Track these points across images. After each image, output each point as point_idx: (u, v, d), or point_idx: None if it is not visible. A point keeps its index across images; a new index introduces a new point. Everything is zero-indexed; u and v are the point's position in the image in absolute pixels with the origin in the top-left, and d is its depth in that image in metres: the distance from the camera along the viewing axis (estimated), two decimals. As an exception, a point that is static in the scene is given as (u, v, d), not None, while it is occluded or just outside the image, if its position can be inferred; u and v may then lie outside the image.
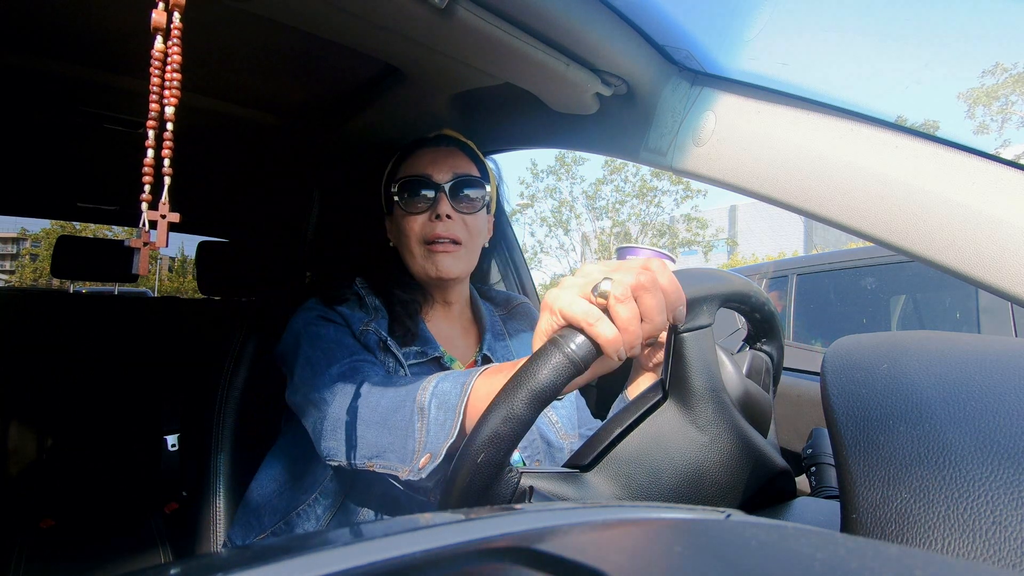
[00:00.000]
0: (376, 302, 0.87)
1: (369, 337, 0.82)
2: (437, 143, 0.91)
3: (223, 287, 2.14)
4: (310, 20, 0.71)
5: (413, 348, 0.84)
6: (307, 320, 0.82)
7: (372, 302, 0.87)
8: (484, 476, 0.45)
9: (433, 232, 0.85)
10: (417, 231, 0.86)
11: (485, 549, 0.22)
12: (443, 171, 0.87)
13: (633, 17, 0.74)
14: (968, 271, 0.59)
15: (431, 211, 0.85)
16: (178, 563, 0.23)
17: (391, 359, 0.81)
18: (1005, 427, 0.31)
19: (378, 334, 0.82)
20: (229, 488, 0.95)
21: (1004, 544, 0.28)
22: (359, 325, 0.82)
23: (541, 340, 0.48)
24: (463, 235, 0.87)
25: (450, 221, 0.85)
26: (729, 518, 0.29)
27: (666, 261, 0.85)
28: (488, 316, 0.97)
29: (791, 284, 3.19)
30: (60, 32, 0.82)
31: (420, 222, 0.86)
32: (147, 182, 0.36)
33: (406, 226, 0.86)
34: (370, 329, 0.82)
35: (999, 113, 13.32)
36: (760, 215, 22.36)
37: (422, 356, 0.84)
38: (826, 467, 0.67)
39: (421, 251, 0.86)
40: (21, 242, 43.02)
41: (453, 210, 0.86)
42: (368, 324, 0.83)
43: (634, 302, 0.45)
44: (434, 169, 0.87)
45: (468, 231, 0.88)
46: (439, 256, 0.85)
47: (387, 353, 0.81)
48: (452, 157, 0.89)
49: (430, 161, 0.88)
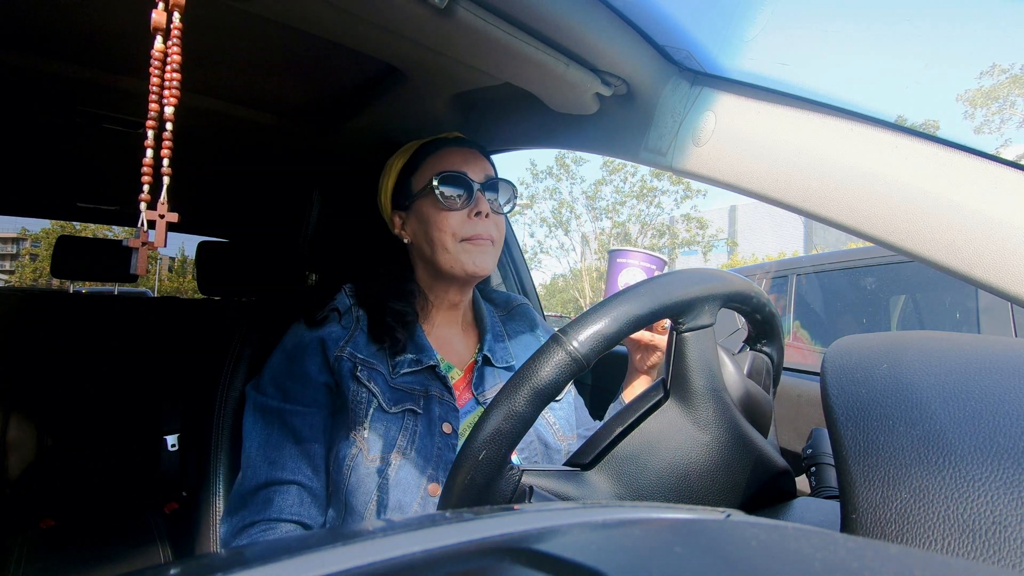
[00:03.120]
0: (360, 312, 0.86)
1: (343, 365, 0.80)
2: (460, 144, 0.91)
3: (223, 287, 2.14)
4: (310, 20, 0.71)
5: (407, 356, 0.83)
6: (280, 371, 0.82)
7: (356, 312, 0.85)
8: (485, 474, 0.45)
9: (474, 230, 0.85)
10: (455, 227, 0.85)
11: (485, 549, 0.22)
12: (477, 171, 0.88)
13: (633, 17, 0.74)
14: (968, 271, 0.59)
15: (471, 208, 0.85)
16: (178, 563, 0.23)
17: (363, 390, 0.79)
18: (1005, 427, 0.31)
19: (352, 359, 0.81)
20: (229, 488, 0.94)
21: (1004, 544, 0.28)
22: (335, 351, 0.81)
23: None
24: (496, 235, 0.88)
25: (488, 220, 0.86)
26: (729, 518, 0.29)
27: (657, 264, 0.85)
28: (489, 317, 0.97)
29: (791, 284, 3.19)
30: (60, 32, 0.82)
31: (458, 218, 0.85)
32: (146, 182, 0.36)
33: (441, 221, 0.85)
34: (344, 355, 0.81)
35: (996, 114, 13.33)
36: (760, 215, 22.35)
37: (416, 365, 0.83)
38: (826, 467, 0.67)
39: (456, 247, 0.85)
40: (21, 242, 43.02)
41: (491, 209, 0.87)
42: (343, 349, 0.81)
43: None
44: (468, 168, 0.87)
45: (499, 232, 0.89)
46: (477, 253, 0.85)
47: (358, 384, 0.79)
48: (479, 158, 0.90)
49: (462, 160, 0.88)
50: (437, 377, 0.84)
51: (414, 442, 0.78)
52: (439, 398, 0.82)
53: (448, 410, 0.82)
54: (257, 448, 0.79)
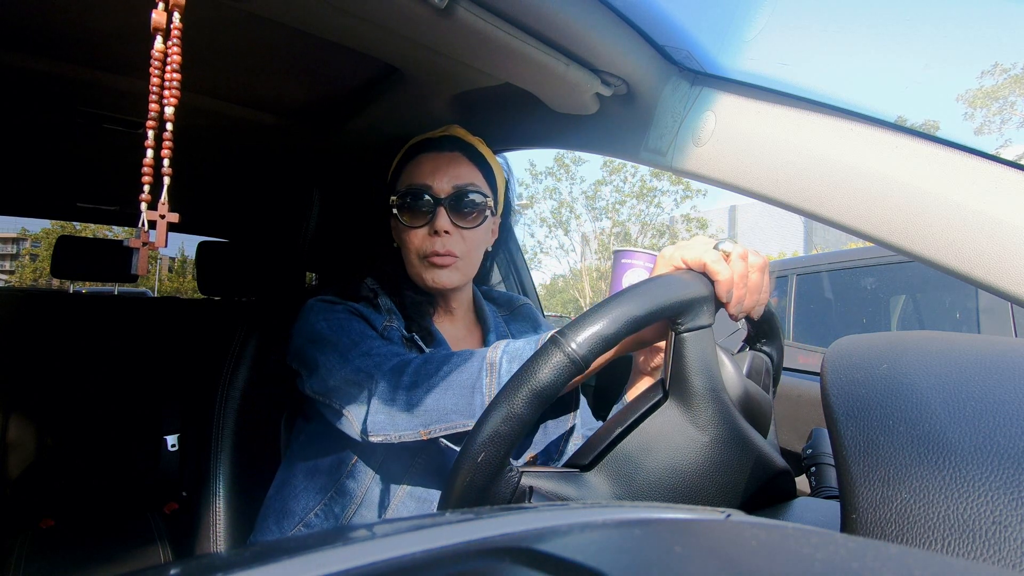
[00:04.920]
0: (389, 303, 0.86)
1: (393, 334, 0.81)
2: (440, 147, 0.89)
3: (223, 287, 2.14)
4: (310, 20, 0.71)
5: (429, 349, 0.84)
6: (326, 311, 0.80)
7: (385, 303, 0.86)
8: (484, 475, 0.45)
9: (432, 248, 0.84)
10: (416, 245, 0.85)
11: (485, 549, 0.22)
12: (443, 181, 0.85)
13: (633, 17, 0.74)
14: (968, 271, 0.59)
15: (429, 226, 0.84)
16: (178, 563, 0.23)
17: (416, 352, 0.80)
18: (1005, 427, 0.31)
19: (401, 332, 0.82)
20: (229, 488, 0.94)
21: (1004, 544, 0.28)
22: (381, 322, 0.82)
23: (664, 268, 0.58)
24: (460, 249, 0.85)
25: (448, 236, 0.84)
26: (729, 518, 0.29)
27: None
28: (492, 317, 0.97)
29: (791, 284, 3.19)
30: (60, 32, 0.81)
31: (419, 236, 0.85)
32: (146, 182, 0.36)
33: (405, 238, 0.86)
34: (393, 326, 0.82)
35: (997, 114, 13.34)
36: (760, 215, 22.34)
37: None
38: (826, 467, 0.67)
39: (419, 263, 0.86)
40: (21, 242, 43.03)
41: (452, 224, 0.84)
42: (391, 321, 0.82)
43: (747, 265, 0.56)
44: (434, 179, 0.85)
45: (466, 245, 0.86)
46: (436, 270, 0.85)
47: (414, 349, 0.81)
48: (454, 165, 0.87)
49: (431, 170, 0.86)
50: None
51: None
52: None
53: None
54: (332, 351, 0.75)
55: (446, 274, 0.85)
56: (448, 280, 0.85)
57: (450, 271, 0.85)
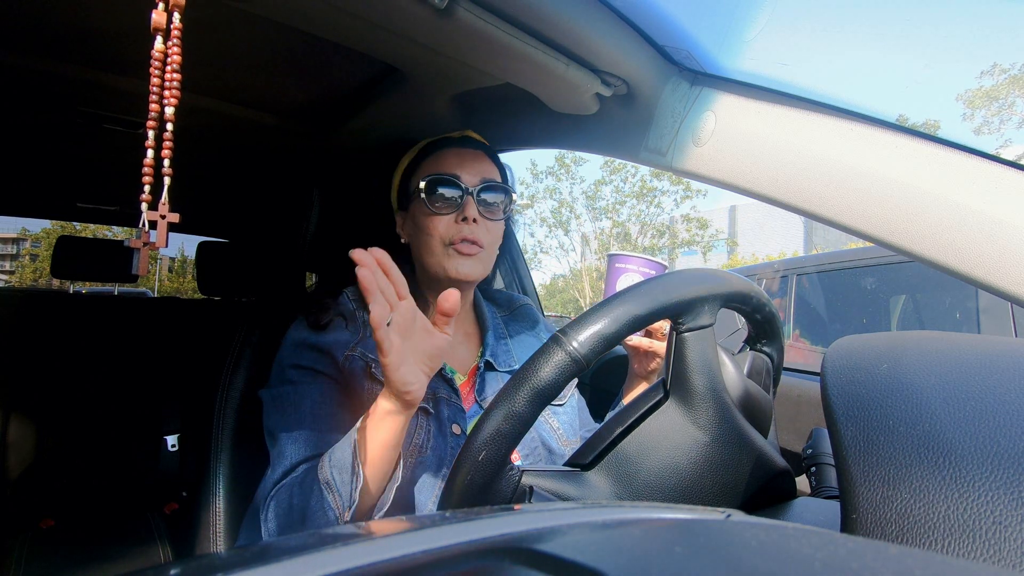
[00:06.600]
0: (365, 316, 0.84)
1: (354, 363, 0.80)
2: (463, 144, 0.90)
3: (223, 287, 2.14)
4: (310, 20, 0.71)
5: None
6: (288, 360, 0.82)
7: (362, 316, 0.85)
8: (485, 474, 0.45)
9: (459, 234, 0.84)
10: (441, 231, 0.84)
11: (485, 549, 0.22)
12: (472, 174, 0.86)
13: (633, 17, 0.74)
14: (968, 271, 0.59)
15: (458, 213, 0.84)
16: (178, 563, 0.23)
17: (377, 387, 0.78)
18: (1005, 427, 0.31)
19: (364, 359, 0.80)
20: (229, 488, 0.94)
21: (1004, 544, 0.28)
22: (343, 352, 0.80)
23: None
24: (486, 240, 0.86)
25: (475, 225, 0.85)
26: (729, 518, 0.29)
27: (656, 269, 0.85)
28: (491, 317, 0.96)
29: (791, 284, 3.19)
30: (60, 32, 0.81)
31: (445, 222, 0.85)
32: (147, 182, 0.36)
33: (429, 224, 0.85)
34: (355, 354, 0.80)
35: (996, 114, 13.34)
36: (760, 215, 22.36)
37: None
38: (826, 467, 0.67)
39: (442, 251, 0.85)
40: (21, 242, 43.01)
41: (480, 215, 0.85)
42: (354, 348, 0.81)
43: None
44: (463, 170, 0.86)
45: (490, 236, 0.87)
46: (461, 259, 0.84)
47: (372, 380, 0.79)
48: (479, 160, 0.88)
49: (458, 162, 0.87)
50: (444, 379, 0.84)
51: (429, 440, 0.79)
52: (447, 400, 0.82)
53: (456, 411, 0.82)
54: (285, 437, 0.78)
55: (470, 264, 0.85)
56: (471, 271, 0.85)
57: (474, 261, 0.85)
